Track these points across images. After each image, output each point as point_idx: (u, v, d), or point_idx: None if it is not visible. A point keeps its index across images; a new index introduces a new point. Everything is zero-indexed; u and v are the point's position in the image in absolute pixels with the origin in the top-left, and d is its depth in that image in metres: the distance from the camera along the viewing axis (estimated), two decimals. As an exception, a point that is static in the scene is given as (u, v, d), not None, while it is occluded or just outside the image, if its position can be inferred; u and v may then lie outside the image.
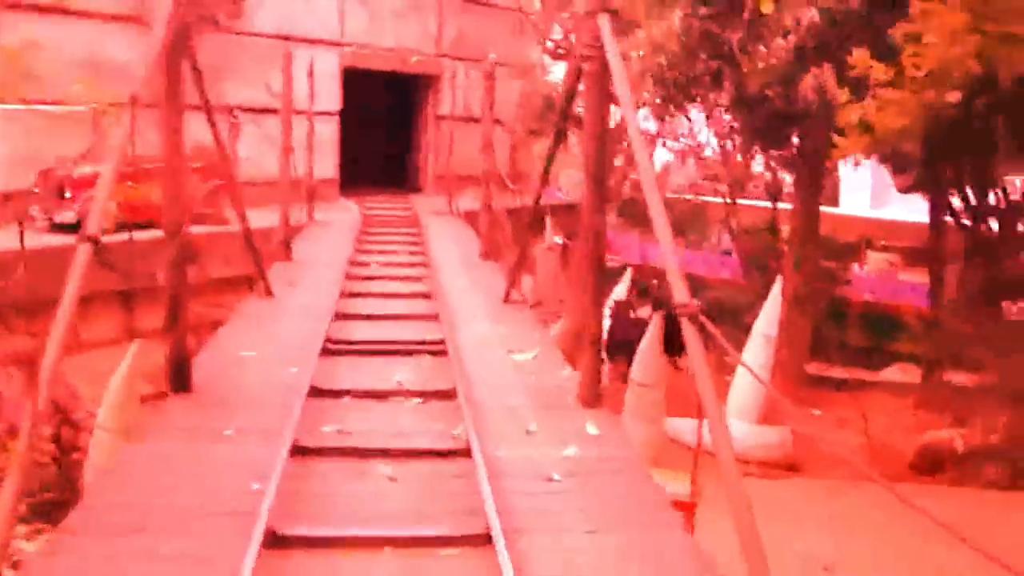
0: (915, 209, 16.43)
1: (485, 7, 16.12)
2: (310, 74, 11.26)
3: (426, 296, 7.03)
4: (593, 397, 4.56)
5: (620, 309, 13.06)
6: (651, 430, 8.23)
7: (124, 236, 9.85)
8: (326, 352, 5.20)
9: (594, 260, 4.50)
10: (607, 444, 4.07)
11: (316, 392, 4.42)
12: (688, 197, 18.80)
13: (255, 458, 3.58)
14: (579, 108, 14.75)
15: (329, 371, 4.89)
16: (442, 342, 5.48)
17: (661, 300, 12.56)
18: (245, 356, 5.16)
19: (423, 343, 5.54)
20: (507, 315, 6.61)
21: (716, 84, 9.78)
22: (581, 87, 4.78)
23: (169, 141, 4.48)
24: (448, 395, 4.51)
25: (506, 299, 6.95)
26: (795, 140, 12.15)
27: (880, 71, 5.45)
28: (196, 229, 10.55)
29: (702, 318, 2.83)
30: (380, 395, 4.54)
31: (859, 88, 5.92)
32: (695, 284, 16.22)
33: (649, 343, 8.39)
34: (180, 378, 4.45)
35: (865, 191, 22.51)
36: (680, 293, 2.96)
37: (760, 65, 8.66)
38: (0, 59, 8.93)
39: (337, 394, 4.49)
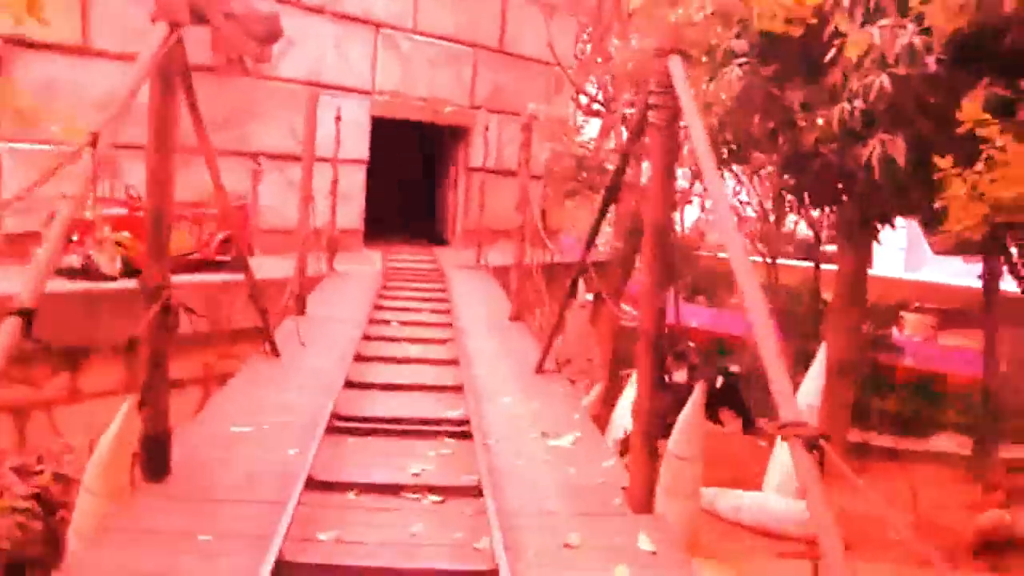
0: (950, 271, 15.68)
1: (520, 60, 15.68)
2: (337, 119, 10.74)
3: (450, 363, 6.32)
4: (646, 501, 3.80)
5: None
6: (688, 507, 7.74)
7: (131, 283, 9.32)
8: (333, 430, 4.49)
9: (653, 342, 3.78)
10: (665, 566, 3.30)
11: (316, 484, 3.70)
12: (724, 256, 18.06)
13: (230, 576, 2.86)
14: (609, 164, 13.97)
15: (334, 455, 4.17)
16: (466, 421, 4.75)
17: (699, 365, 11.77)
18: (237, 433, 4.46)
19: (445, 422, 4.82)
20: (540, 388, 5.88)
21: (771, 144, 9.12)
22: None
23: (154, 188, 3.83)
24: (472, 492, 3.77)
25: (539, 369, 6.23)
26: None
27: (994, 130, 4.74)
28: (212, 277, 10.03)
29: (823, 443, 2.10)
30: (391, 489, 3.80)
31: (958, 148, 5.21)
32: (730, 346, 15.36)
33: (690, 414, 7.82)
34: (156, 462, 3.76)
35: (899, 252, 21.70)
36: (789, 408, 2.23)
37: (820, 122, 8.00)
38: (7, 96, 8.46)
39: (341, 487, 3.76)
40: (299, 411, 4.84)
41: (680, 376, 12.11)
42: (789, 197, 13.95)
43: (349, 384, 5.44)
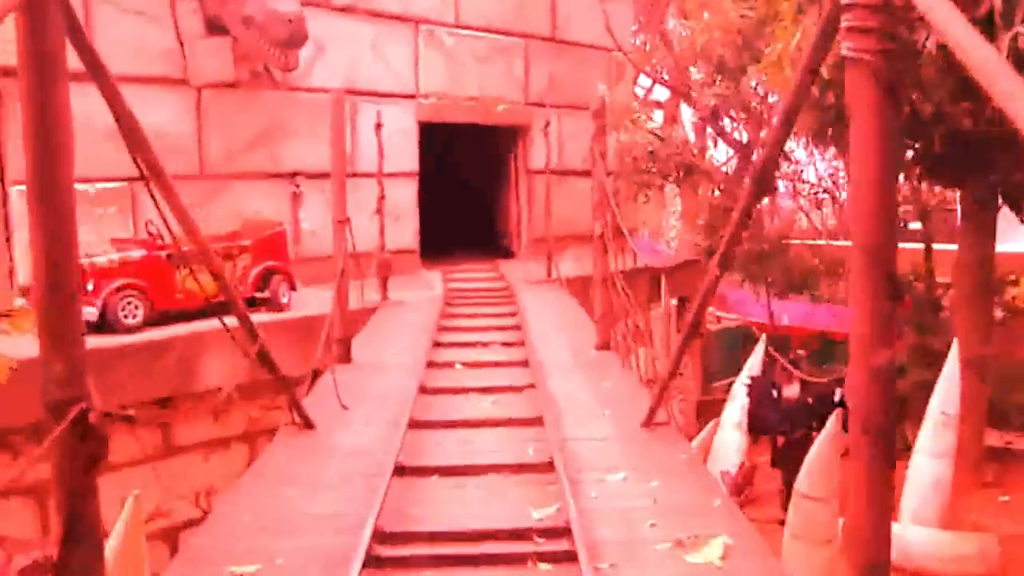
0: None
1: (576, 48, 14.19)
2: (378, 127, 9.43)
3: (532, 423, 4.87)
4: None
5: (760, 388, 10.67)
6: (823, 555, 6.39)
7: (156, 333, 8.16)
8: (374, 562, 3.09)
9: (879, 431, 2.23)
10: None
11: None
12: (821, 243, 16.32)
13: None
14: (698, 154, 12.34)
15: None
16: (565, 530, 3.30)
17: (813, 381, 10.14)
18: (238, 574, 3.09)
19: (534, 532, 3.37)
20: (655, 454, 4.39)
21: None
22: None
23: (44, 231, 2.46)
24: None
25: (648, 422, 4.76)
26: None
27: None
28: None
29: None
30: None
31: None
32: (833, 346, 13.57)
33: (824, 447, 6.43)
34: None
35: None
36: None
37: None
38: None
39: None
40: (329, 527, 3.45)
41: (792, 391, 10.38)
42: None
43: (400, 470, 4.03)
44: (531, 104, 13.54)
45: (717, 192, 14.64)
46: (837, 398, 9.59)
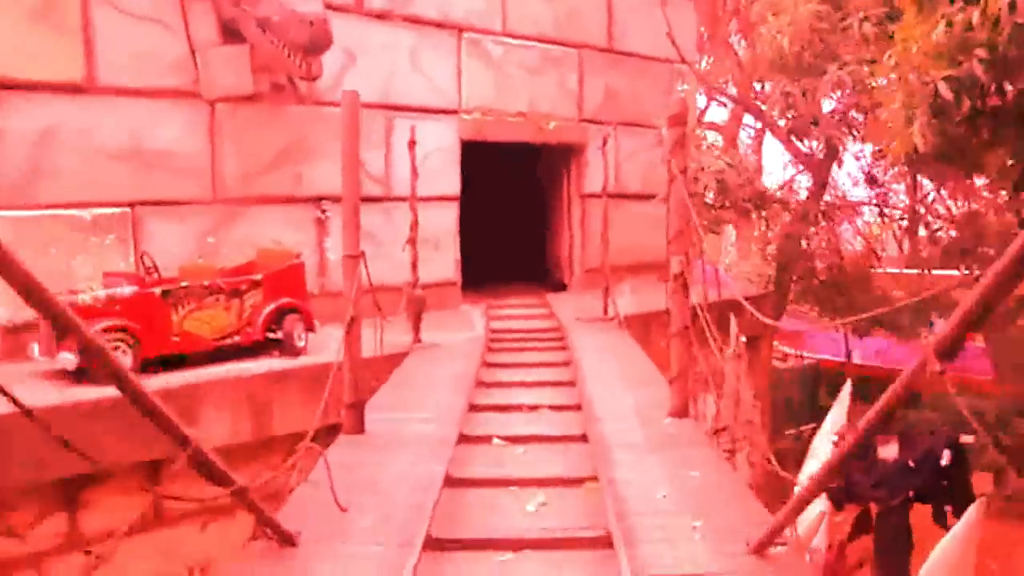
0: None
1: (635, 59, 12.88)
2: (411, 145, 8.18)
3: (596, 544, 3.49)
4: None
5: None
6: None
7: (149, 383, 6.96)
8: None
9: None
10: None
11: None
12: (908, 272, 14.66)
13: None
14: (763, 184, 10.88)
15: None
16: None
17: (916, 437, 8.60)
18: None
19: None
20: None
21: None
22: None
23: None
24: None
25: (761, 548, 3.35)
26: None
27: None
28: (256, 367, 7.59)
29: None
30: None
31: None
32: (929, 392, 11.73)
33: (961, 539, 5.18)
34: None
35: None
36: None
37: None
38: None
39: None
40: None
41: (889, 451, 8.72)
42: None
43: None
44: (585, 121, 12.25)
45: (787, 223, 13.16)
46: (946, 460, 8.03)
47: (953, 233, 12.24)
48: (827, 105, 10.74)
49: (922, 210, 12.73)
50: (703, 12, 13.46)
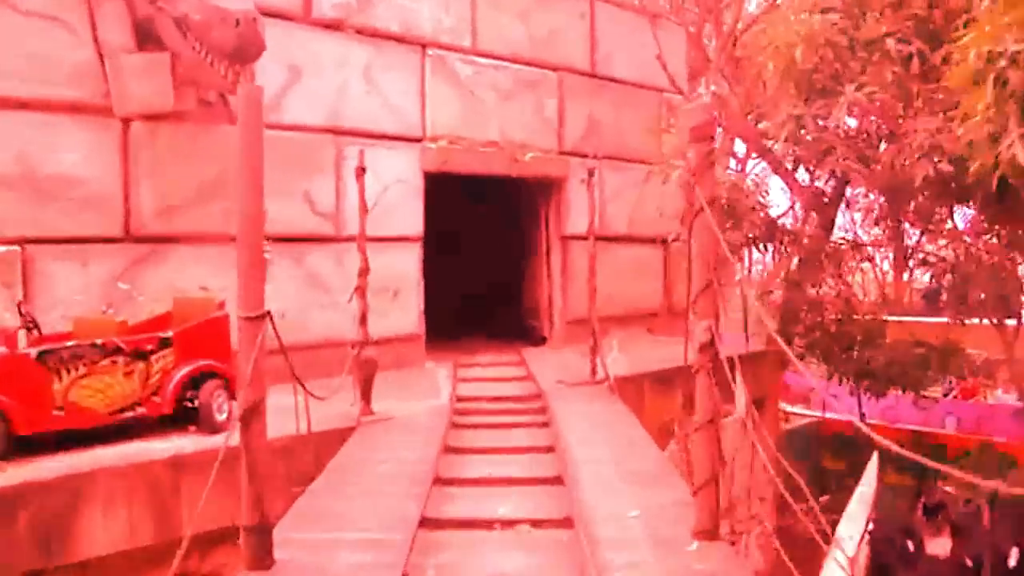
0: None
1: (621, 86, 11.61)
2: (360, 173, 6.73)
3: None
4: None
5: (887, 536, 7.73)
6: None
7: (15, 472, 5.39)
8: None
9: None
10: None
11: None
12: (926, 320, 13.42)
13: None
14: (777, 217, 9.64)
15: None
16: None
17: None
18: None
19: None
20: None
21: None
22: None
23: None
24: None
25: None
26: None
27: None
28: (163, 446, 6.03)
29: None
30: None
31: None
32: (937, 452, 10.27)
33: None
34: None
35: None
36: None
37: None
38: None
39: None
40: None
41: (940, 547, 7.08)
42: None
43: None
44: (566, 153, 10.89)
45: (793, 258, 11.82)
46: (1014, 560, 6.63)
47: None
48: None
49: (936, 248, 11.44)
50: (694, 40, 12.22)
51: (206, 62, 6.62)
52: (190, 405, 6.34)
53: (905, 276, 19.62)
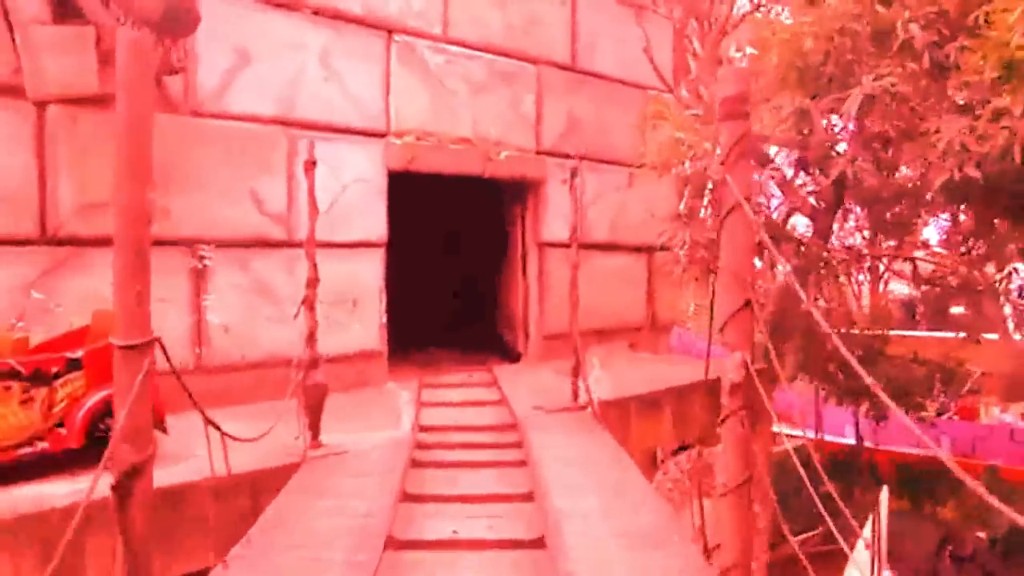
0: None
1: (603, 82, 10.76)
2: (309, 167, 5.78)
3: None
4: None
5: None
6: None
7: None
8: None
9: None
10: None
11: None
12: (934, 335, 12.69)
13: None
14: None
15: None
16: None
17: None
18: None
19: None
20: None
21: None
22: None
23: None
24: None
25: None
26: None
27: None
28: (64, 489, 5.06)
29: None
30: None
31: None
32: (927, 479, 9.41)
33: None
34: None
35: None
36: None
37: None
38: None
39: None
40: None
41: None
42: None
43: None
44: (544, 152, 10.01)
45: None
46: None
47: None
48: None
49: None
50: (678, 35, 11.43)
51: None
52: (104, 438, 5.35)
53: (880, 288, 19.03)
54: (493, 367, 9.26)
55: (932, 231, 9.80)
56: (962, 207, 8.05)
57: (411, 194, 8.89)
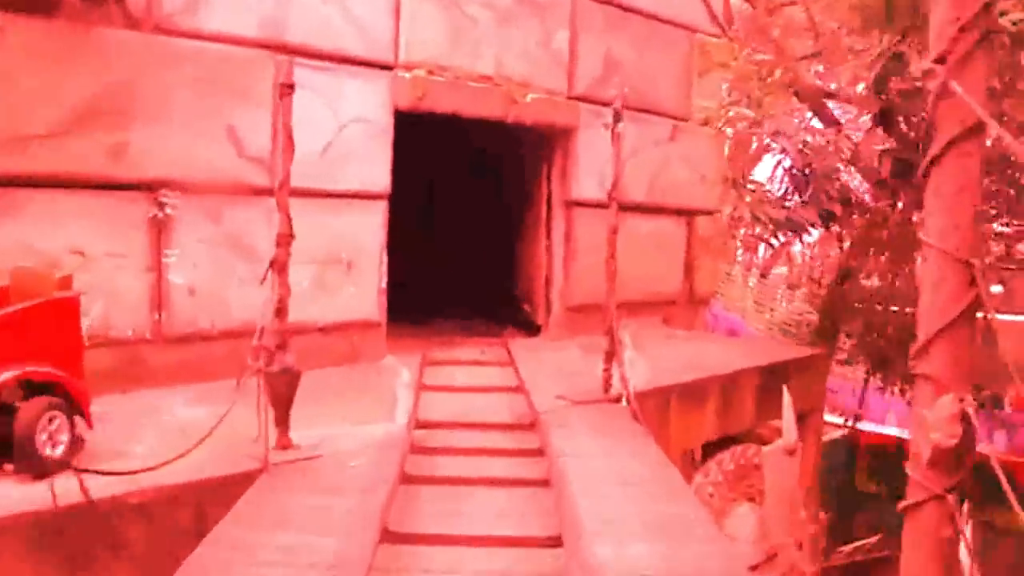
0: None
1: (646, 20, 9.36)
2: (283, 90, 4.50)
3: None
4: None
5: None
6: None
7: None
8: None
9: None
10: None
11: None
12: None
13: None
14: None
15: None
16: None
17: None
18: None
19: None
20: None
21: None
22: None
23: None
24: None
25: None
26: None
27: None
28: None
29: None
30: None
31: None
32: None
33: None
34: None
35: None
36: None
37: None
38: None
39: None
40: None
41: None
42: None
43: None
44: (576, 98, 8.67)
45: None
46: None
47: None
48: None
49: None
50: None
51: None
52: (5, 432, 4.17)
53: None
54: (509, 341, 8.05)
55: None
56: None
57: (423, 142, 7.60)
